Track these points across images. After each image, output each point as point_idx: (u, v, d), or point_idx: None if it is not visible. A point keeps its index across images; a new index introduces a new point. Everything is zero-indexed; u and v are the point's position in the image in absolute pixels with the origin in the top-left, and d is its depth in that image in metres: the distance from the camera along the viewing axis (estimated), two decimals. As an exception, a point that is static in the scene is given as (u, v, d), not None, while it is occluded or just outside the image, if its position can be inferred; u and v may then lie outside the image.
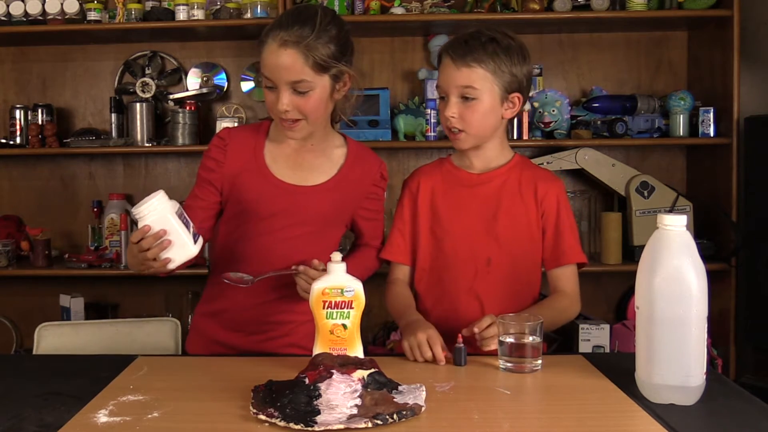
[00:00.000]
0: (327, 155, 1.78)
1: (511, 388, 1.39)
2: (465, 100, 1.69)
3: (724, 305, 2.94)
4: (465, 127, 1.71)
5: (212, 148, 1.76)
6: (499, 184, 1.77)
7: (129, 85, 3.26)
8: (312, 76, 1.62)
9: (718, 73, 3.01)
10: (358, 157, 1.80)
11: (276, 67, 1.61)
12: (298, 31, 1.60)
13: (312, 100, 1.64)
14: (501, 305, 1.71)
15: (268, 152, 1.75)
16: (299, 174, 1.74)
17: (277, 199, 1.72)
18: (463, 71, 1.68)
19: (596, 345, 3.00)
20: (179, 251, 1.50)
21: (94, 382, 1.42)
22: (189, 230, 1.50)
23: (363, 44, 3.28)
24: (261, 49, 1.64)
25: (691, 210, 3.01)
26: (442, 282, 1.78)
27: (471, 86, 1.68)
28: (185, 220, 1.51)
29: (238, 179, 1.73)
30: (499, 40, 1.71)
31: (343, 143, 1.81)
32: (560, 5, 2.97)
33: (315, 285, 1.49)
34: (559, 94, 3.07)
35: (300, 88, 1.62)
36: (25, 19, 3.00)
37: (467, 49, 1.69)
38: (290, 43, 1.59)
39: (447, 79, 1.71)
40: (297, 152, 1.76)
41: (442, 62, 1.73)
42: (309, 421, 1.16)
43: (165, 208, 1.48)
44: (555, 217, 1.76)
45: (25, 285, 3.29)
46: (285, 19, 1.63)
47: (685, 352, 1.28)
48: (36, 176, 3.34)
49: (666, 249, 1.29)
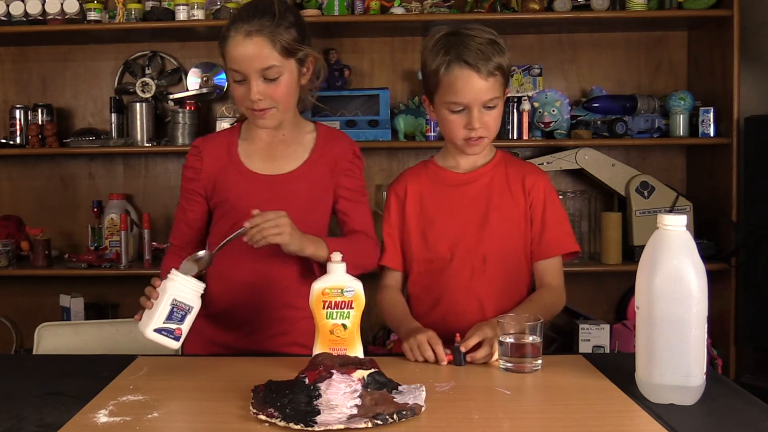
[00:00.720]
0: (299, 142, 1.80)
1: (511, 388, 1.39)
2: (487, 108, 1.69)
3: (724, 305, 2.94)
4: (487, 134, 1.72)
5: (189, 158, 1.82)
6: (487, 181, 1.77)
7: (129, 85, 3.26)
8: (280, 60, 1.67)
9: (718, 73, 3.01)
10: (328, 139, 1.82)
11: (245, 57, 1.66)
12: (260, 20, 1.65)
13: (281, 86, 1.69)
14: (499, 302, 1.72)
15: (242, 150, 1.79)
16: (274, 164, 1.78)
17: (256, 192, 1.75)
18: (490, 81, 1.67)
19: (596, 345, 3.00)
20: (145, 322, 1.49)
21: (94, 382, 1.42)
22: (171, 322, 1.47)
23: (363, 44, 3.28)
24: (225, 45, 1.69)
25: (691, 210, 3.01)
26: (438, 284, 1.77)
27: (496, 96, 1.69)
28: (180, 316, 1.48)
29: (218, 181, 1.77)
30: (497, 39, 1.70)
31: (313, 129, 1.83)
32: (560, 5, 2.97)
33: (315, 285, 1.49)
34: (559, 94, 3.07)
35: (269, 74, 1.67)
36: (25, 19, 3.00)
37: (488, 58, 1.66)
38: (255, 32, 1.65)
39: (474, 92, 1.66)
40: (270, 145, 1.79)
41: (457, 74, 1.66)
42: (309, 421, 1.16)
43: (174, 288, 1.49)
44: (541, 210, 1.76)
45: (25, 285, 3.28)
46: (244, 12, 1.69)
47: (685, 352, 1.28)
48: (36, 176, 3.34)
49: (666, 249, 1.29)
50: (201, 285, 1.51)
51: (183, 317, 1.49)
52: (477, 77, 1.66)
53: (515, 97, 3.07)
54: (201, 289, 1.51)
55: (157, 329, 1.47)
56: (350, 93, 3.15)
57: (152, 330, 1.47)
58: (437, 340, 1.56)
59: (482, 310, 1.72)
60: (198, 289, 1.50)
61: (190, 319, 1.49)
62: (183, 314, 1.49)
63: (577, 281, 3.22)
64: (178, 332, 1.49)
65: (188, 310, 1.49)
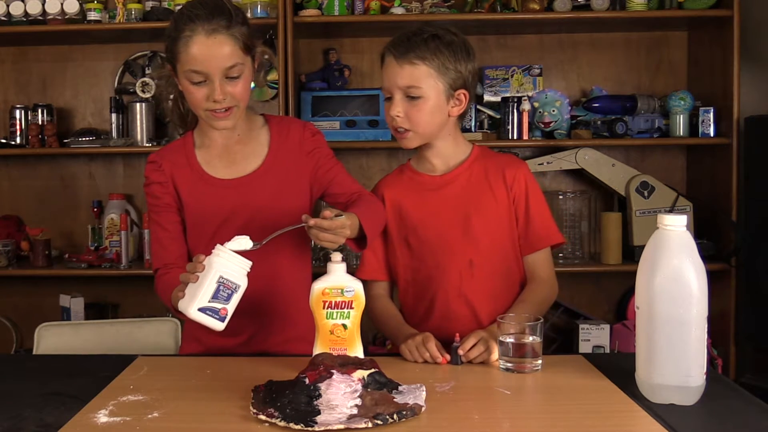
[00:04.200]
0: (255, 139, 1.78)
1: (511, 388, 1.39)
2: (410, 99, 1.67)
3: (724, 305, 2.94)
4: (412, 127, 1.69)
5: (150, 174, 1.77)
6: (465, 180, 1.75)
7: (129, 85, 3.25)
8: (243, 58, 1.65)
9: (718, 73, 3.01)
10: (281, 129, 1.79)
11: (210, 57, 1.61)
12: (218, 19, 1.61)
13: (242, 83, 1.66)
14: (491, 303, 1.71)
15: (201, 158, 1.76)
16: (235, 168, 1.75)
17: (222, 198, 1.72)
18: (407, 69, 1.66)
19: (596, 345, 3.00)
20: (187, 300, 1.42)
21: (94, 382, 1.42)
22: (217, 301, 1.40)
23: (363, 44, 3.28)
24: (179, 46, 1.62)
25: (691, 210, 3.01)
26: (428, 292, 1.75)
27: (415, 85, 1.66)
28: (226, 295, 1.41)
29: (183, 192, 1.74)
30: (442, 36, 1.68)
31: (264, 122, 1.81)
32: (560, 5, 2.97)
33: (315, 285, 1.49)
34: (559, 94, 3.07)
35: (232, 73, 1.63)
36: (25, 19, 3.00)
37: (409, 46, 1.66)
38: (216, 30, 1.61)
39: (391, 78, 1.68)
40: (227, 148, 1.76)
41: (384, 61, 1.71)
42: (309, 421, 1.16)
43: (221, 264, 1.40)
44: (525, 203, 1.74)
45: (25, 285, 3.28)
46: (198, 11, 1.62)
47: (685, 352, 1.28)
48: (36, 176, 3.34)
49: (666, 249, 1.29)
50: (248, 263, 1.43)
51: (229, 296, 1.40)
52: (395, 63, 1.66)
53: (515, 97, 3.07)
54: (248, 267, 1.43)
55: (201, 308, 1.39)
56: (350, 93, 3.15)
57: (196, 309, 1.39)
58: (433, 340, 1.56)
59: (475, 314, 1.71)
60: (245, 266, 1.42)
61: (236, 298, 1.41)
62: (229, 293, 1.40)
63: (577, 281, 3.23)
64: (223, 312, 1.40)
65: (235, 288, 1.41)
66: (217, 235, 1.68)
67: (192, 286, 1.43)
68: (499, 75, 3.25)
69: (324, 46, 3.25)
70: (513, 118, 3.05)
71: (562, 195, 3.12)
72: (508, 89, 3.23)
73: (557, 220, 3.02)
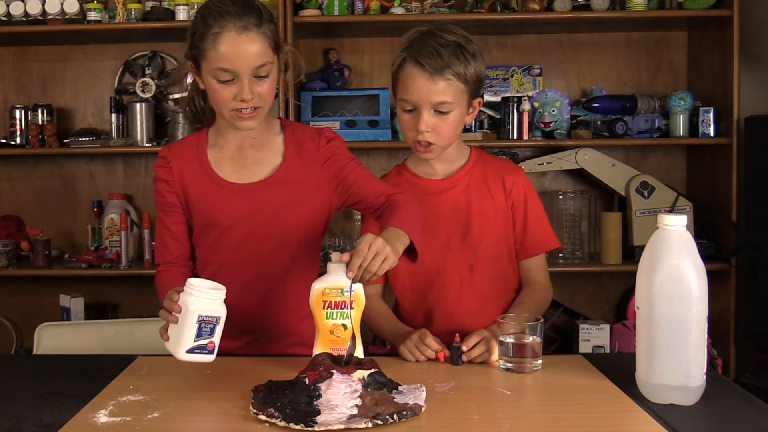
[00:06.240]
0: (268, 145, 1.72)
1: (511, 388, 1.39)
2: (439, 113, 1.65)
3: (724, 305, 2.94)
4: (437, 140, 1.66)
5: (158, 170, 1.72)
6: (465, 185, 1.74)
7: (129, 85, 3.26)
8: (272, 57, 1.60)
9: (718, 73, 3.01)
10: (297, 137, 1.73)
11: (240, 55, 1.56)
12: (249, 16, 1.56)
13: (269, 83, 1.61)
14: (491, 306, 1.71)
15: (212, 158, 1.71)
16: (246, 173, 1.69)
17: (232, 202, 1.67)
18: (440, 85, 1.62)
19: (596, 345, 3.00)
20: (174, 343, 1.42)
21: (94, 382, 1.42)
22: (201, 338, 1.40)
23: (363, 44, 3.28)
24: (210, 43, 1.56)
25: (691, 210, 3.01)
26: (428, 297, 1.75)
27: (448, 101, 1.63)
28: (209, 329, 1.40)
29: (192, 192, 1.69)
30: (465, 45, 1.65)
31: (280, 130, 1.74)
32: (560, 5, 2.97)
33: (315, 285, 1.49)
34: (559, 94, 3.07)
35: (262, 72, 1.59)
36: (25, 19, 3.00)
37: (442, 60, 1.61)
38: (248, 28, 1.56)
39: (420, 92, 1.63)
40: (239, 151, 1.71)
41: (406, 70, 1.65)
42: (309, 421, 1.16)
43: (196, 304, 1.39)
44: (523, 208, 1.74)
45: (25, 285, 3.28)
46: (228, 7, 1.57)
47: (685, 352, 1.28)
48: (36, 176, 3.34)
49: (666, 249, 1.29)
50: (222, 290, 1.42)
51: (212, 330, 1.41)
52: (427, 78, 1.62)
53: (515, 97, 3.07)
54: (223, 294, 1.42)
55: (189, 350, 1.41)
56: (350, 93, 3.15)
57: (185, 352, 1.40)
58: (430, 335, 1.56)
59: (474, 319, 1.69)
60: (220, 296, 1.42)
61: (219, 328, 1.42)
62: (212, 327, 1.41)
63: (577, 281, 3.23)
64: (210, 346, 1.41)
65: (216, 321, 1.41)
66: (221, 239, 1.68)
67: (174, 328, 1.42)
68: (499, 75, 3.26)
69: (324, 46, 3.25)
70: (513, 118, 3.05)
71: (562, 195, 3.12)
72: (508, 89, 3.23)
73: (557, 221, 3.04)
